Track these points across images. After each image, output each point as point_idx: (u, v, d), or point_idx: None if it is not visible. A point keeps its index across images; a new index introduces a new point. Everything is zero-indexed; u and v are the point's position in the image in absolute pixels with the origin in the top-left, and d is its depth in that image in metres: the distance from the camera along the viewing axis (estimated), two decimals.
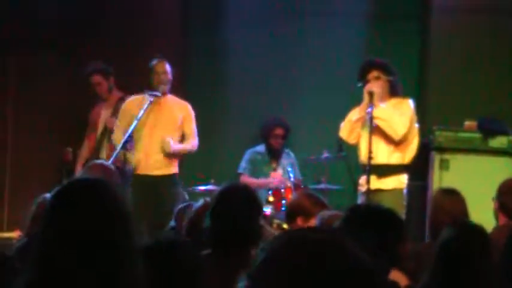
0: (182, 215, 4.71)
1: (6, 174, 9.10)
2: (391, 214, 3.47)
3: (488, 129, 8.01)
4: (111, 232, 2.32)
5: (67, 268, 2.26)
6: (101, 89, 8.37)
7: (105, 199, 2.38)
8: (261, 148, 8.59)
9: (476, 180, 7.57)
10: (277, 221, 7.45)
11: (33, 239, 2.50)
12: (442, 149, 7.94)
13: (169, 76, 7.51)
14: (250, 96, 9.03)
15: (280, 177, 8.29)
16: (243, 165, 8.55)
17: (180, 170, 7.61)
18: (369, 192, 6.56)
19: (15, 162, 9.11)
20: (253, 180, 8.32)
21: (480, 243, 3.45)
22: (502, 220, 5.26)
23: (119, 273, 2.29)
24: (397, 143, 6.82)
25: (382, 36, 8.91)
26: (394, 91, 6.93)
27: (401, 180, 6.85)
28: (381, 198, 6.44)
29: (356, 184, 7.07)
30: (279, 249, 1.48)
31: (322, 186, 7.95)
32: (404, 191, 6.87)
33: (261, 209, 4.05)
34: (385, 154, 6.82)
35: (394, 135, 6.77)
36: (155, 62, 7.52)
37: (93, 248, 2.29)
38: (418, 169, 7.69)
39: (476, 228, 3.55)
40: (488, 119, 8.09)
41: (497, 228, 5.13)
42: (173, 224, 4.79)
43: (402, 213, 6.53)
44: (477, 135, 8.00)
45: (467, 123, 8.10)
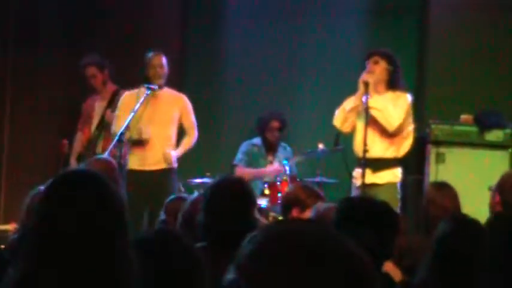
0: (172, 208, 4.70)
1: (2, 166, 9.10)
2: (386, 206, 3.48)
3: (484, 123, 8.00)
4: (105, 223, 2.32)
5: (61, 259, 2.26)
6: (95, 82, 8.34)
7: (98, 190, 2.38)
8: (257, 141, 8.58)
9: (472, 173, 7.58)
10: (273, 214, 7.45)
11: (27, 230, 2.49)
12: (438, 143, 7.93)
13: (165, 69, 7.48)
14: (247, 91, 9.03)
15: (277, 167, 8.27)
16: (239, 156, 8.53)
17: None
18: (364, 186, 6.54)
19: (11, 155, 9.11)
20: (249, 171, 8.32)
21: (476, 238, 3.44)
22: None
23: (114, 265, 2.29)
24: (392, 137, 6.77)
25: (381, 31, 8.90)
26: (393, 84, 6.82)
27: (395, 174, 6.82)
28: (375, 192, 6.41)
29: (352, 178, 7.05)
30: (263, 240, 1.48)
31: (318, 179, 7.94)
32: (399, 185, 6.85)
33: (255, 202, 4.03)
34: (380, 148, 6.77)
35: (388, 126, 6.70)
36: (151, 54, 7.48)
37: (87, 239, 2.29)
38: (414, 163, 7.70)
39: (472, 222, 3.55)
40: (486, 112, 8.09)
41: None
42: (163, 217, 4.76)
43: (397, 207, 6.53)
44: (473, 129, 7.99)
45: (464, 117, 8.10)
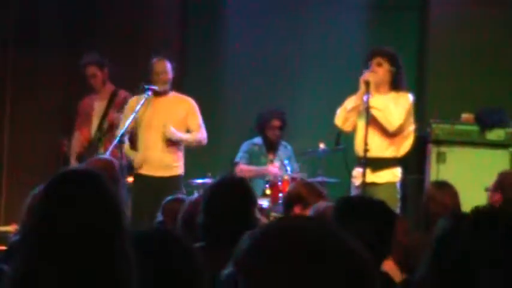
0: (169, 209, 4.68)
1: (2, 166, 9.11)
2: (383, 205, 3.47)
3: (486, 121, 8.00)
4: (104, 223, 2.32)
5: (61, 259, 2.26)
6: (95, 81, 8.26)
7: (97, 189, 2.38)
8: (258, 140, 8.59)
9: (473, 172, 7.57)
10: (274, 213, 7.44)
11: (27, 230, 2.49)
12: (439, 142, 7.93)
13: (169, 75, 7.46)
14: (248, 90, 9.03)
15: (278, 167, 8.29)
16: (240, 154, 8.55)
17: None
18: (364, 185, 6.53)
19: (11, 155, 9.11)
20: (250, 168, 8.33)
21: (476, 234, 3.43)
22: None
23: (114, 265, 2.29)
24: (393, 136, 6.75)
25: (382, 27, 8.91)
26: (396, 85, 6.77)
27: (395, 174, 6.79)
28: (375, 191, 6.38)
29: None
30: (262, 236, 1.48)
31: (319, 178, 7.94)
32: (398, 185, 6.82)
33: (256, 202, 4.03)
34: (380, 147, 6.73)
35: (388, 126, 6.67)
36: (154, 61, 7.46)
37: (86, 238, 2.29)
38: (414, 162, 7.69)
39: (471, 219, 3.53)
40: (487, 110, 8.08)
41: None
42: (160, 218, 4.75)
43: (396, 206, 6.52)
44: (474, 128, 7.99)
45: (465, 116, 8.10)
